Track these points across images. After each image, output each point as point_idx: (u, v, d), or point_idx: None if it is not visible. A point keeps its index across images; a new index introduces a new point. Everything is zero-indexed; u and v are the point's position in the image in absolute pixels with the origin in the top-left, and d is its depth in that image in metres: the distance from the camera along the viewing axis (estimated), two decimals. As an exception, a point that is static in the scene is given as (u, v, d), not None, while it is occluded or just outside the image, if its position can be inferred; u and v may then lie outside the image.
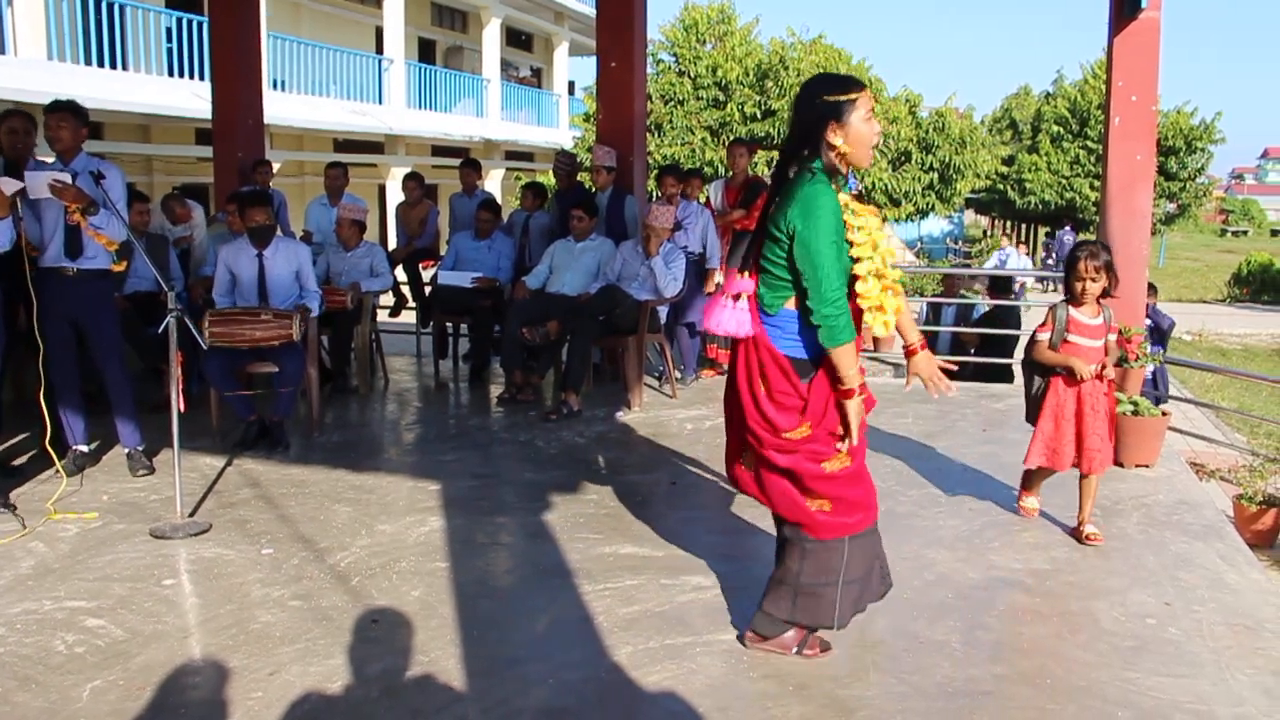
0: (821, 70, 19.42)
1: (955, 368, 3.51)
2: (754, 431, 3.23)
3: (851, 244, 3.04)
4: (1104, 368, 4.43)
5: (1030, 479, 4.78)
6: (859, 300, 3.09)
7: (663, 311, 7.14)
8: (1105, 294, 4.44)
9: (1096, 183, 28.18)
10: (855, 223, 3.05)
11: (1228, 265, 33.37)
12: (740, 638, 3.44)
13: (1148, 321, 6.95)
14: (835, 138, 3.05)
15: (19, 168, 5.03)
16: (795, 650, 3.34)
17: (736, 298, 3.23)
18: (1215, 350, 17.63)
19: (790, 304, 3.13)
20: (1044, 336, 4.49)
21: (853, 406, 3.11)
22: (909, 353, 3.31)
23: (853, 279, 3.08)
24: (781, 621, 3.32)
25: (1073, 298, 4.47)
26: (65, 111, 4.98)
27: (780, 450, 3.20)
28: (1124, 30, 6.27)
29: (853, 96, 3.05)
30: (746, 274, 3.24)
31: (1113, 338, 4.54)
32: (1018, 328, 9.27)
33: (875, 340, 13.56)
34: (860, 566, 3.28)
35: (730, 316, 3.22)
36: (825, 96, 3.06)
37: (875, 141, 3.11)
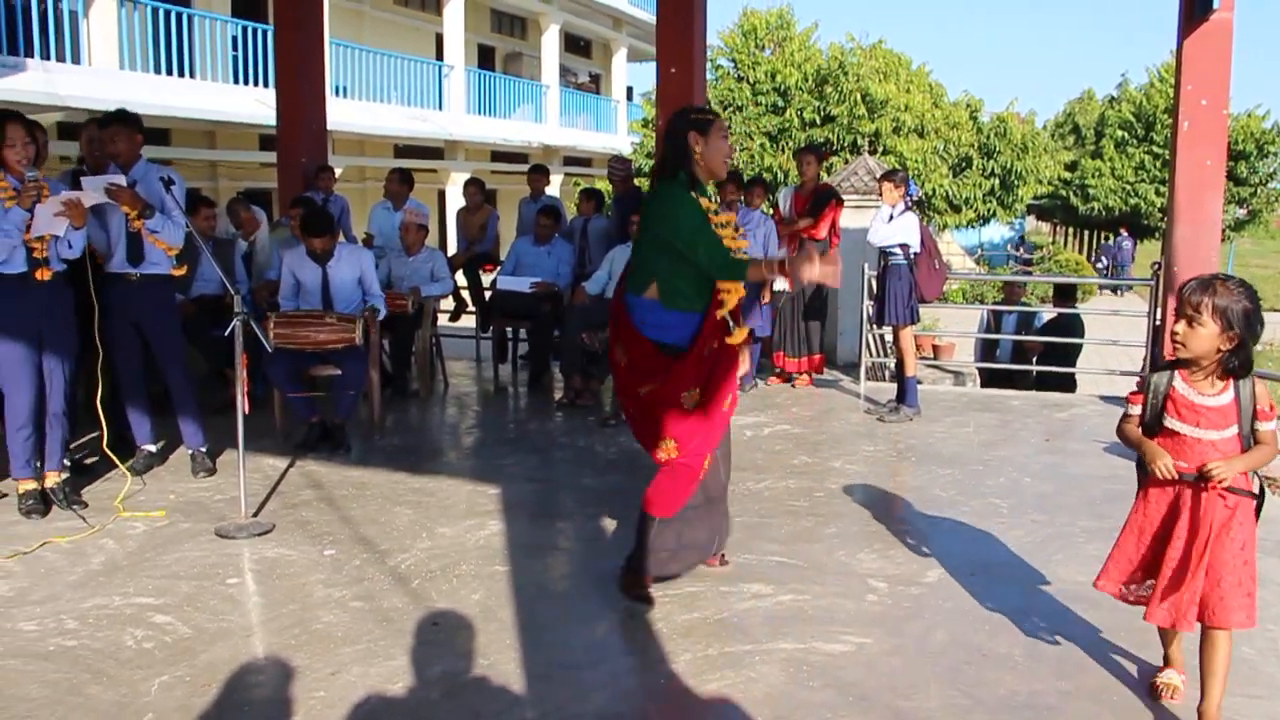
0: (881, 74, 19.33)
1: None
2: (623, 382, 3.89)
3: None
4: (1203, 469, 2.92)
5: (1163, 639, 3.30)
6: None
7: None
8: (1235, 366, 2.93)
9: (1162, 188, 27.63)
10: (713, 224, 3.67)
11: (1300, 272, 32.46)
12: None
13: None
14: (697, 146, 3.73)
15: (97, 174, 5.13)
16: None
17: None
18: (1287, 360, 17.15)
19: (652, 292, 3.70)
20: (1134, 411, 3.11)
21: (789, 268, 3.48)
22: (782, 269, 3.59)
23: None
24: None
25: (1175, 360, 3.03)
26: (118, 124, 5.06)
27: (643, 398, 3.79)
28: (1194, 32, 6.15)
29: (711, 119, 3.79)
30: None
31: (1266, 427, 2.93)
32: (1081, 335, 9.11)
33: (935, 348, 13.44)
34: (669, 541, 3.83)
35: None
36: (692, 115, 3.82)
37: (727, 158, 3.82)
